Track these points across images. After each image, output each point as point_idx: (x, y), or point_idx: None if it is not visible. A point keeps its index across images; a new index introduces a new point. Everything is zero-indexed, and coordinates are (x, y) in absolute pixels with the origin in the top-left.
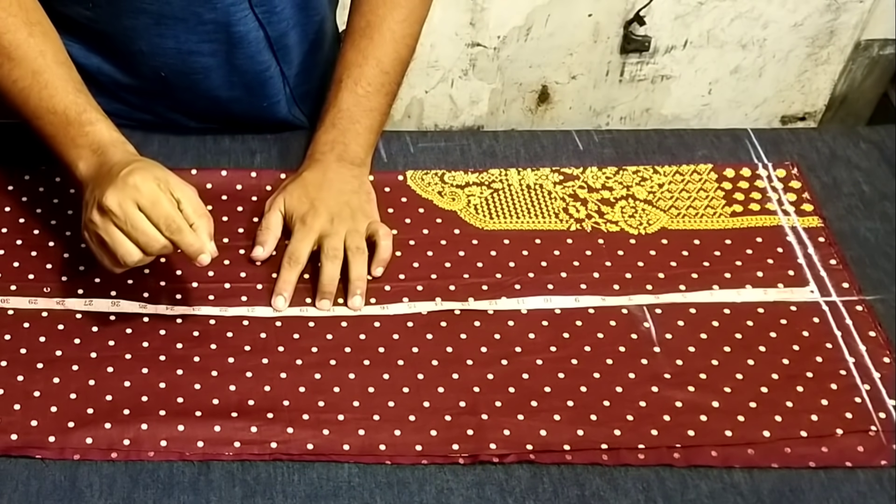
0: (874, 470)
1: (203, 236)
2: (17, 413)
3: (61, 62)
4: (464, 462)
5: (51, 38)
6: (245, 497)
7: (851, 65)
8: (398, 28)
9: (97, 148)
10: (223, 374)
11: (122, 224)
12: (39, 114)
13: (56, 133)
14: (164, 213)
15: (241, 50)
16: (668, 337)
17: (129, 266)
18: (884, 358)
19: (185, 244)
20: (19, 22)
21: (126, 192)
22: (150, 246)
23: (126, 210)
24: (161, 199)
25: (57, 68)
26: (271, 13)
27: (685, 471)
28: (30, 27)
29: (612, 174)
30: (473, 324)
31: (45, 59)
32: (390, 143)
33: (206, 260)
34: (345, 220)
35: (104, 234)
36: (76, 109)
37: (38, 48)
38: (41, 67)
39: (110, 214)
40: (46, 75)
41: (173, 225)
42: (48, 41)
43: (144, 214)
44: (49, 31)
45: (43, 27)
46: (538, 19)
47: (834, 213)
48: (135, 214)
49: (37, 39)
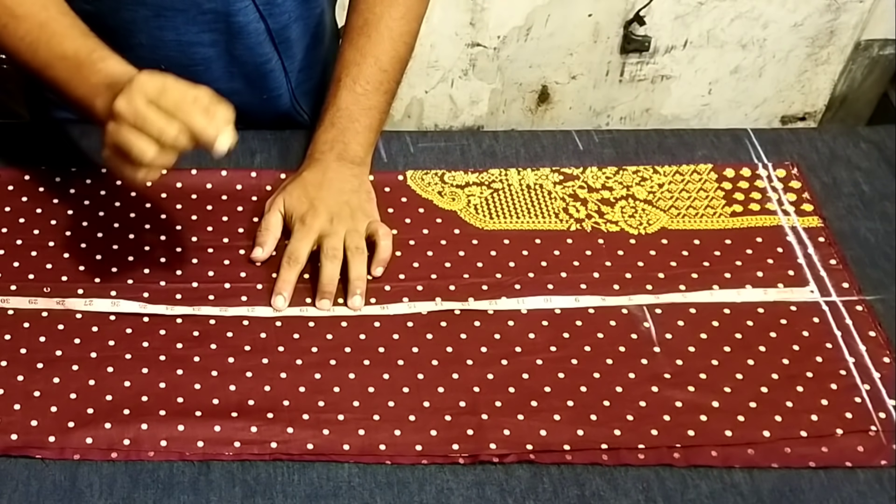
0: (874, 470)
1: (219, 121)
2: (17, 413)
3: (64, 12)
4: (464, 462)
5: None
6: (245, 497)
7: (851, 65)
8: (396, 26)
9: (111, 82)
10: (223, 374)
11: (133, 122)
12: (50, 62)
13: (69, 77)
14: (173, 97)
15: (241, 41)
16: (668, 337)
17: (147, 164)
18: (884, 358)
19: (199, 127)
20: None
21: (132, 89)
22: (164, 133)
23: (135, 105)
24: (168, 87)
25: (61, 17)
26: (272, 5)
27: (685, 471)
28: None
29: (612, 174)
30: (473, 324)
31: (49, 11)
32: (390, 143)
33: (224, 145)
34: (344, 220)
35: (119, 139)
36: (86, 50)
37: (40, 2)
38: (46, 19)
39: (121, 117)
40: (52, 25)
41: (183, 107)
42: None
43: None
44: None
45: None
46: (538, 19)
47: (834, 213)
48: (144, 107)
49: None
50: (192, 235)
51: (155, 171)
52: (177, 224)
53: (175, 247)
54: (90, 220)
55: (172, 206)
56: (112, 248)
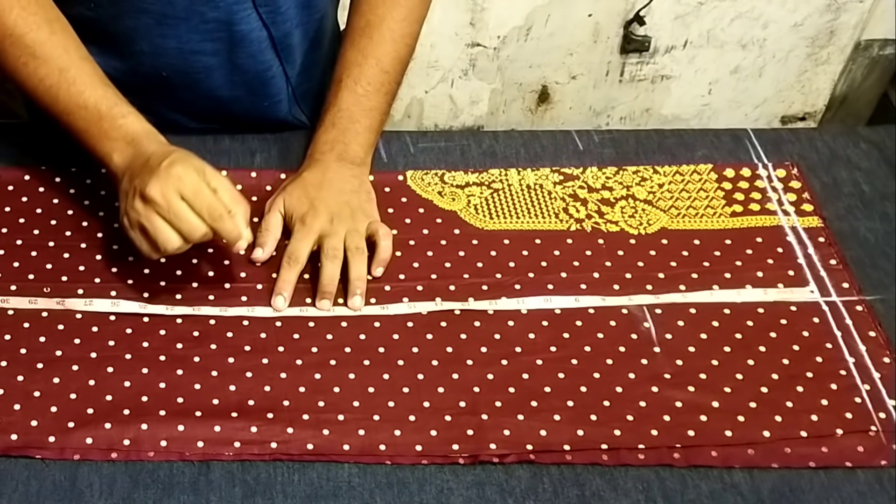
0: (874, 470)
1: (240, 223)
2: (17, 413)
3: (84, 57)
4: (464, 462)
5: (71, 34)
6: (245, 497)
7: (851, 65)
8: (397, 27)
9: (131, 139)
10: (223, 374)
11: (164, 213)
12: (70, 109)
13: (88, 128)
14: (207, 202)
15: (243, 49)
16: (668, 337)
17: (168, 253)
18: (884, 358)
19: (226, 231)
20: (40, 20)
21: (169, 182)
22: (193, 233)
23: (169, 199)
24: (203, 189)
25: (82, 63)
26: (275, 13)
27: (685, 471)
28: (50, 24)
29: (612, 174)
30: (473, 324)
31: (70, 55)
32: (390, 143)
33: (244, 245)
34: (344, 220)
35: (146, 223)
36: (107, 103)
37: (61, 45)
38: (66, 64)
39: (153, 204)
40: (73, 71)
41: (215, 213)
42: (69, 37)
43: (187, 203)
44: (67, 26)
45: (62, 23)
46: (538, 19)
47: (834, 213)
48: (178, 204)
49: (59, 36)
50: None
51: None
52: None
53: None
54: (90, 220)
55: None
56: (112, 248)
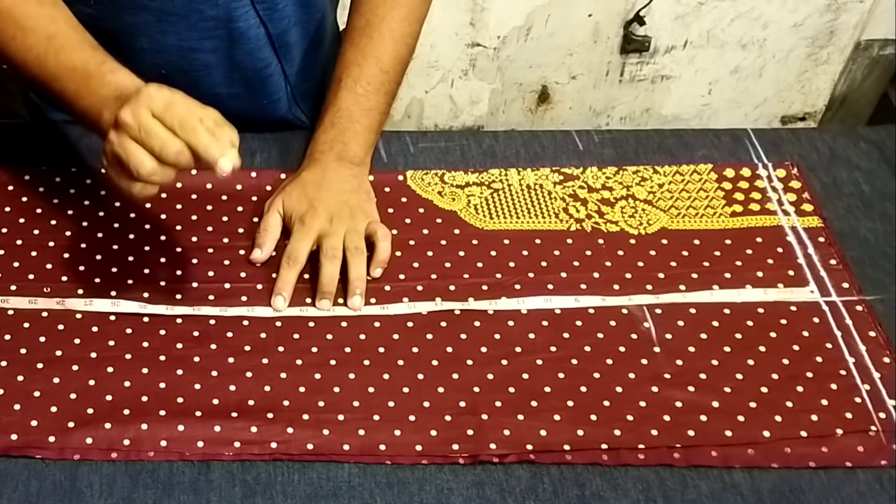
0: (874, 470)
1: (224, 142)
2: (17, 413)
3: (73, 25)
4: (464, 462)
5: (59, 5)
6: (245, 497)
7: (851, 65)
8: (398, 27)
9: (120, 94)
10: (223, 374)
11: (135, 134)
12: (59, 74)
13: (78, 89)
14: (178, 113)
15: (242, 46)
16: (668, 337)
17: (144, 178)
18: (884, 358)
19: (202, 145)
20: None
21: (139, 101)
22: (165, 149)
23: (139, 117)
24: (175, 102)
25: (70, 31)
26: (272, 10)
27: (685, 471)
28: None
29: (612, 174)
30: (473, 324)
31: (58, 24)
32: (390, 143)
33: (227, 166)
34: (344, 220)
35: (119, 149)
36: (95, 62)
37: (49, 15)
38: (54, 32)
39: (125, 127)
40: (60, 38)
41: (188, 124)
42: (58, 8)
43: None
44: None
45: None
46: (538, 19)
47: (834, 213)
48: (148, 120)
49: (46, 8)
50: (192, 235)
51: (152, 187)
52: (177, 224)
53: (175, 247)
54: (90, 220)
55: (172, 206)
56: (112, 248)
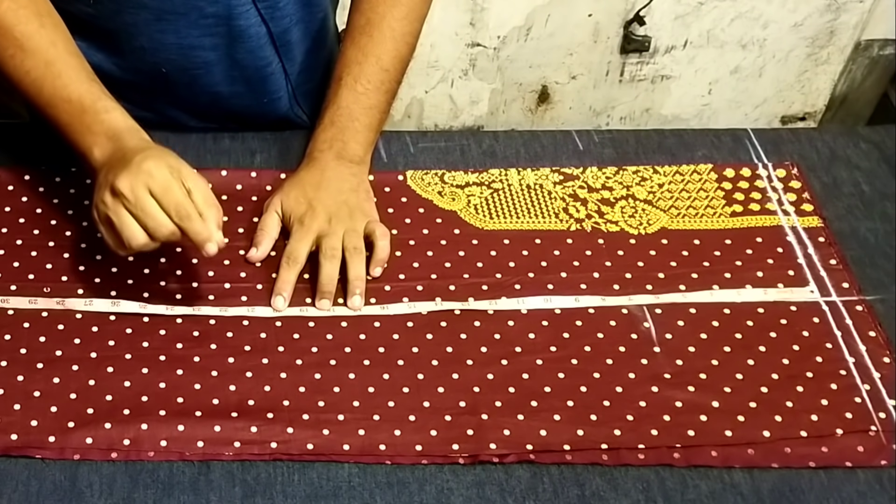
0: (874, 470)
1: (211, 225)
2: (17, 413)
3: (72, 52)
4: (464, 462)
5: (61, 29)
6: (245, 497)
7: (851, 65)
8: (398, 26)
9: (112, 134)
10: (223, 374)
11: (132, 207)
12: (54, 103)
13: (71, 121)
14: (175, 199)
15: (242, 44)
16: (668, 337)
17: (133, 250)
18: (884, 358)
19: (193, 231)
20: (30, 13)
21: (139, 176)
22: (158, 230)
23: (137, 194)
24: (173, 186)
25: (69, 58)
26: (274, 9)
27: (685, 471)
28: (40, 18)
29: (612, 174)
30: (473, 324)
31: (57, 49)
32: (390, 143)
33: (213, 249)
34: (342, 220)
35: (113, 216)
36: (91, 98)
37: (49, 39)
38: (53, 57)
39: (121, 197)
40: (59, 65)
41: (182, 211)
42: (59, 32)
43: (155, 200)
44: (59, 22)
45: (53, 18)
46: (538, 19)
47: (834, 213)
48: (146, 199)
49: (48, 30)
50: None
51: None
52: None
53: (175, 247)
54: (90, 220)
55: None
56: None
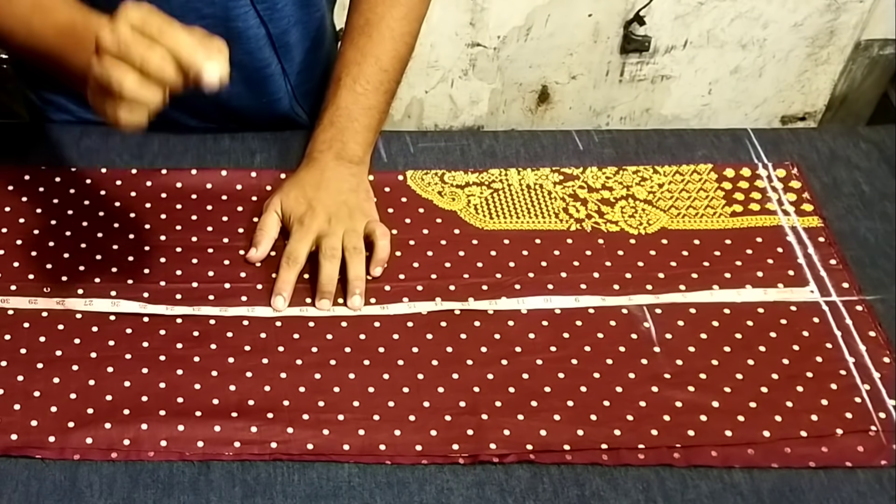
0: (874, 470)
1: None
2: (17, 413)
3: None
4: (464, 462)
5: None
6: (245, 497)
7: (851, 65)
8: (397, 26)
9: None
10: (223, 374)
11: (115, 51)
12: (45, 36)
13: (65, 44)
14: (157, 22)
15: (240, 45)
16: (668, 337)
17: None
18: (884, 358)
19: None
20: None
21: (116, 21)
22: (148, 59)
23: (118, 32)
24: (153, 13)
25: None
26: (273, 10)
27: (685, 471)
28: None
29: (612, 174)
30: (473, 324)
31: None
32: (390, 143)
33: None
34: (342, 220)
35: (101, 73)
36: (81, 16)
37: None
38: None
39: (104, 47)
40: (45, 1)
41: (169, 30)
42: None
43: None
44: None
45: None
46: (538, 19)
47: (834, 213)
48: (126, 33)
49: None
50: (192, 235)
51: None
52: (177, 224)
53: (175, 247)
54: (90, 220)
55: (172, 206)
56: (112, 248)
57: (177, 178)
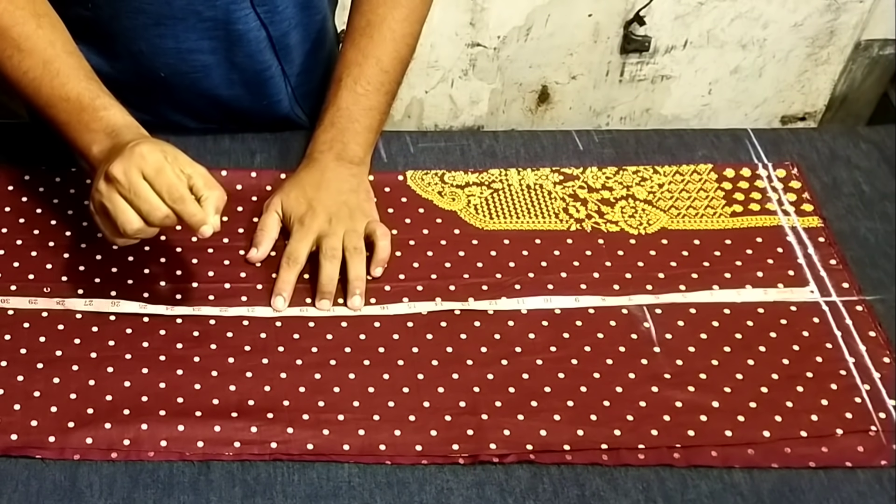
0: (874, 470)
1: (209, 208)
2: (17, 413)
3: (70, 51)
4: (464, 462)
5: (59, 29)
6: (245, 497)
7: (851, 65)
8: (398, 27)
9: (111, 131)
10: (223, 374)
11: (125, 192)
12: (52, 102)
13: (69, 119)
14: (168, 181)
15: (241, 48)
16: (668, 337)
17: (129, 235)
18: (884, 358)
19: (188, 214)
20: (27, 14)
21: (132, 160)
22: (152, 214)
23: (130, 178)
24: (165, 168)
25: (67, 57)
26: (273, 12)
27: (685, 471)
28: (38, 19)
29: (612, 174)
30: (473, 324)
31: (55, 48)
32: (390, 143)
33: (208, 232)
34: (343, 220)
35: (108, 203)
36: (89, 95)
37: (47, 38)
38: (51, 57)
39: (115, 183)
40: (57, 64)
41: (176, 193)
42: (56, 32)
43: (149, 184)
44: (56, 22)
45: (50, 18)
46: (538, 19)
47: (834, 213)
48: (138, 182)
49: (45, 31)
50: (191, 235)
51: (134, 240)
52: (177, 224)
53: (175, 247)
54: (90, 220)
55: None
56: (112, 248)
57: None
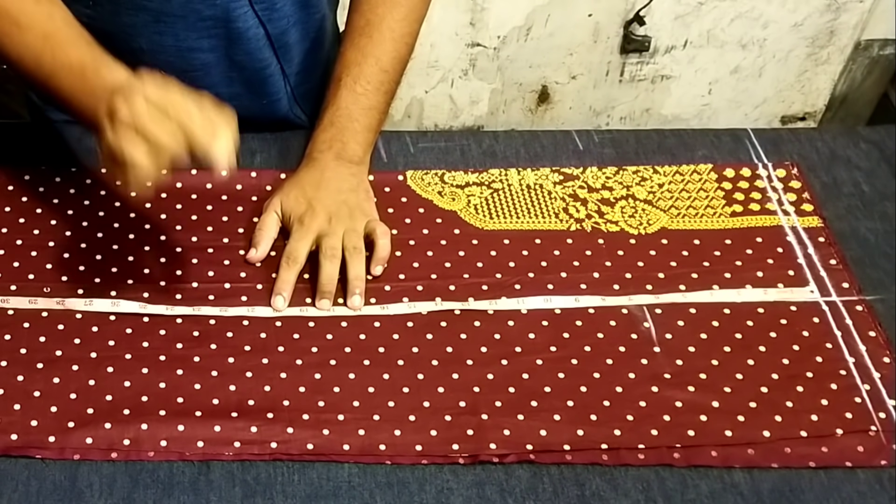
0: (874, 470)
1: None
2: (17, 413)
3: (70, 22)
4: (464, 462)
5: (56, 3)
6: (245, 497)
7: (851, 65)
8: (397, 27)
9: (115, 89)
10: (223, 374)
11: (129, 122)
12: (55, 71)
13: (74, 86)
14: (172, 98)
15: (241, 46)
16: (668, 337)
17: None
18: (884, 358)
19: (196, 129)
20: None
21: (133, 89)
22: (159, 136)
23: (132, 104)
24: (168, 90)
25: (66, 28)
26: (271, 10)
27: (685, 471)
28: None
29: (612, 174)
30: (473, 324)
31: (54, 21)
32: (390, 143)
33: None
34: (342, 220)
35: (113, 139)
36: (91, 58)
37: (45, 12)
38: (51, 30)
39: (118, 116)
40: (57, 35)
41: (182, 107)
42: (54, 5)
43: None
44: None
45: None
46: (538, 19)
47: (834, 213)
48: (141, 106)
49: (44, 6)
50: (192, 235)
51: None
52: (177, 224)
53: (175, 247)
54: (90, 220)
55: (172, 206)
56: (112, 248)
57: (177, 178)
